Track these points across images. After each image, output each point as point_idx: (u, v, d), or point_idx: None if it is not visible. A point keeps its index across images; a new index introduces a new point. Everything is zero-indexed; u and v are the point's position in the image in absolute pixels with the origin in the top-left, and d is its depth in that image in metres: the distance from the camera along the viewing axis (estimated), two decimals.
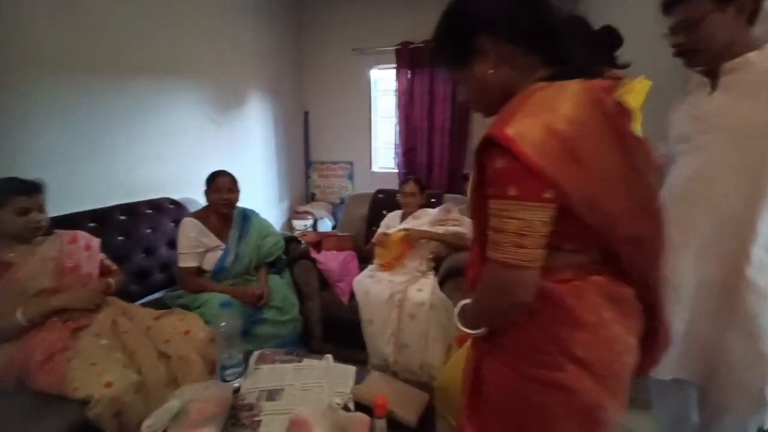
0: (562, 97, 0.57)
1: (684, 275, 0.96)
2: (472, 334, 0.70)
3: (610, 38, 1.03)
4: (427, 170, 3.66)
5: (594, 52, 0.97)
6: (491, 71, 0.63)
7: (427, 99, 3.54)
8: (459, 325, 0.71)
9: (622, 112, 0.60)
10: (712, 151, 0.93)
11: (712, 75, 0.95)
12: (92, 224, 1.66)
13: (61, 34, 1.74)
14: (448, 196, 2.32)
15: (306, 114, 4.03)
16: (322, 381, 1.05)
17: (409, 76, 3.57)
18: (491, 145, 0.56)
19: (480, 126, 3.58)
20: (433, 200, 2.24)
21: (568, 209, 0.56)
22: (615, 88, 0.61)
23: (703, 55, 0.93)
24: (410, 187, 2.15)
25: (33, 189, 1.27)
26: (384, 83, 3.94)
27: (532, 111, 0.56)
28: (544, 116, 0.55)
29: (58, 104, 1.75)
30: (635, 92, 1.00)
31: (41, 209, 1.29)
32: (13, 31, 1.55)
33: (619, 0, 2.15)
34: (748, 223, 0.87)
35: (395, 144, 3.79)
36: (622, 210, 0.59)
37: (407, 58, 3.52)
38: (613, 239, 0.60)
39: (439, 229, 1.89)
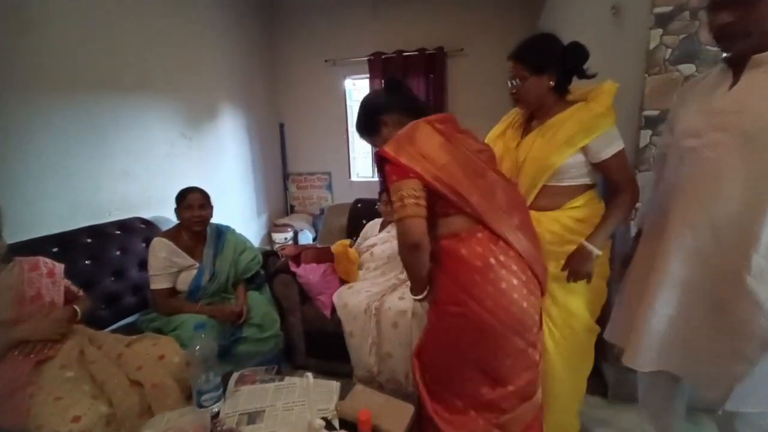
0: (414, 128, 1.01)
1: (673, 274, 0.93)
2: (418, 299, 1.06)
3: (579, 53, 1.11)
4: None
5: (566, 65, 1.12)
6: (392, 132, 1.05)
7: None
8: (412, 296, 1.08)
9: (453, 128, 1.08)
10: (721, 151, 0.86)
11: (739, 66, 0.86)
12: (55, 249, 1.58)
13: (19, 49, 1.67)
14: None
15: (281, 126, 4.00)
16: (305, 400, 1.02)
17: (382, 85, 3.60)
18: (381, 159, 1.00)
19: None
20: None
21: (430, 186, 0.94)
22: (446, 119, 1.09)
23: (748, 39, 0.82)
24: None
25: None
26: (359, 93, 3.96)
27: (398, 137, 1.00)
28: (405, 139, 0.99)
29: (14, 122, 1.67)
30: (605, 93, 1.09)
31: None
32: None
33: (575, 17, 2.25)
34: (750, 230, 0.82)
35: (372, 152, 3.80)
36: (462, 185, 0.95)
37: (380, 68, 3.56)
38: (468, 206, 0.94)
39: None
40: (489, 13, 3.40)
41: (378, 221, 2.18)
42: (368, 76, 3.63)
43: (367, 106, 1.17)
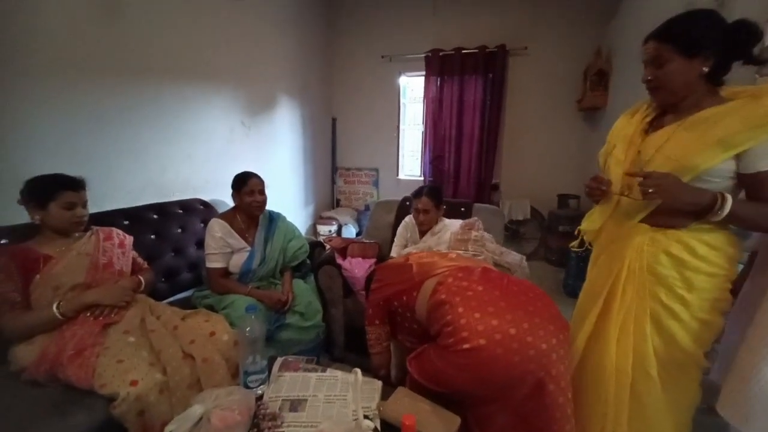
0: None
1: None
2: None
3: (746, 33, 0.90)
4: (454, 179, 3.60)
5: (728, 48, 0.91)
6: None
7: (456, 107, 3.49)
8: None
9: None
10: None
11: None
12: (126, 222, 1.70)
13: (99, 39, 1.81)
14: (477, 206, 2.23)
15: (334, 120, 4.07)
16: (347, 395, 1.01)
17: (438, 83, 3.54)
18: None
19: (511, 135, 3.49)
20: (462, 209, 2.17)
21: None
22: None
23: None
24: (423, 203, 1.83)
25: (79, 185, 1.32)
26: (413, 90, 3.93)
27: None
28: None
29: (95, 106, 1.82)
30: None
31: (84, 205, 1.33)
32: (55, 35, 1.62)
33: (661, 12, 2.04)
34: None
35: (422, 151, 3.75)
36: None
37: (437, 66, 3.50)
38: None
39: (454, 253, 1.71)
40: (558, 10, 3.22)
41: (413, 221, 2.04)
42: (424, 73, 3.58)
43: None
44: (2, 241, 1.26)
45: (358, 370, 0.91)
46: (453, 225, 1.90)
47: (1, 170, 1.45)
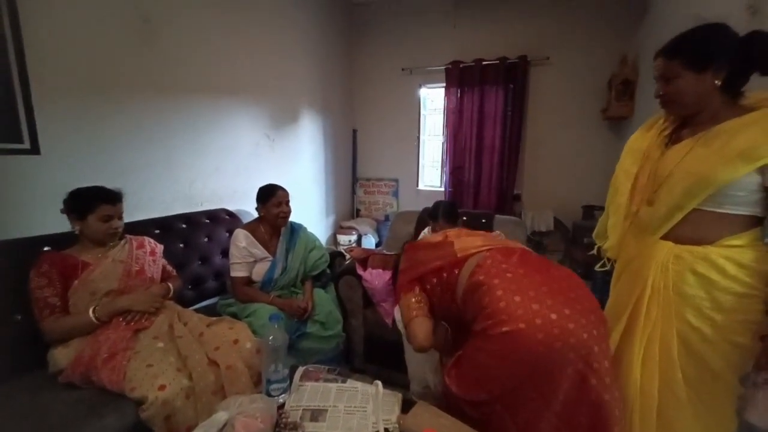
0: None
1: None
2: None
3: (759, 44, 0.88)
4: (474, 189, 3.57)
5: (743, 60, 0.90)
6: None
7: (476, 117, 3.48)
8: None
9: None
10: None
11: None
12: (157, 231, 1.77)
13: (136, 60, 1.91)
14: (499, 217, 2.21)
15: (354, 132, 4.13)
16: (366, 407, 1.01)
17: (458, 94, 3.55)
18: None
19: (533, 146, 3.45)
20: (483, 220, 2.15)
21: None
22: None
23: None
24: (440, 226, 1.77)
25: (116, 198, 1.39)
26: (433, 102, 3.95)
27: None
28: None
29: (131, 122, 1.93)
30: None
31: (120, 217, 1.41)
32: (95, 57, 1.73)
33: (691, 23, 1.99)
34: None
35: (442, 163, 3.75)
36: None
37: (457, 77, 3.51)
38: None
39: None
40: (581, 19, 3.18)
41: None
42: (444, 84, 3.60)
43: None
44: (45, 248, 1.33)
45: (379, 383, 0.91)
46: None
47: (47, 182, 1.55)
